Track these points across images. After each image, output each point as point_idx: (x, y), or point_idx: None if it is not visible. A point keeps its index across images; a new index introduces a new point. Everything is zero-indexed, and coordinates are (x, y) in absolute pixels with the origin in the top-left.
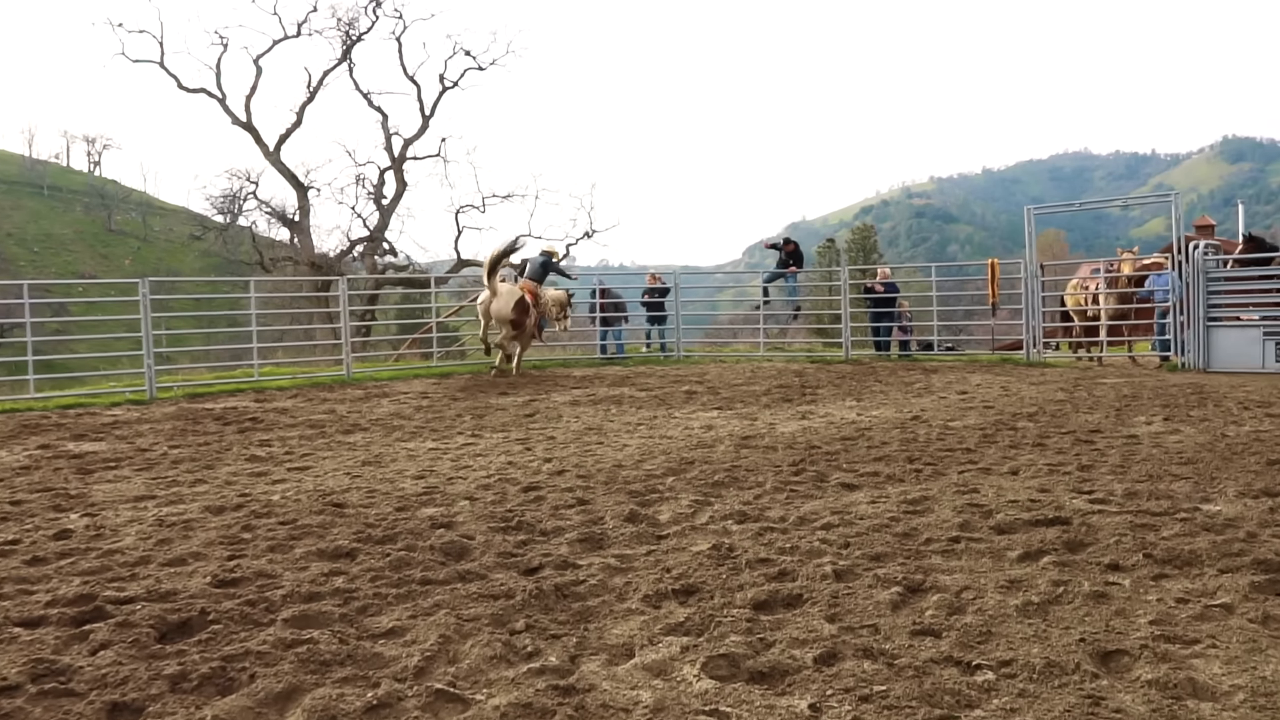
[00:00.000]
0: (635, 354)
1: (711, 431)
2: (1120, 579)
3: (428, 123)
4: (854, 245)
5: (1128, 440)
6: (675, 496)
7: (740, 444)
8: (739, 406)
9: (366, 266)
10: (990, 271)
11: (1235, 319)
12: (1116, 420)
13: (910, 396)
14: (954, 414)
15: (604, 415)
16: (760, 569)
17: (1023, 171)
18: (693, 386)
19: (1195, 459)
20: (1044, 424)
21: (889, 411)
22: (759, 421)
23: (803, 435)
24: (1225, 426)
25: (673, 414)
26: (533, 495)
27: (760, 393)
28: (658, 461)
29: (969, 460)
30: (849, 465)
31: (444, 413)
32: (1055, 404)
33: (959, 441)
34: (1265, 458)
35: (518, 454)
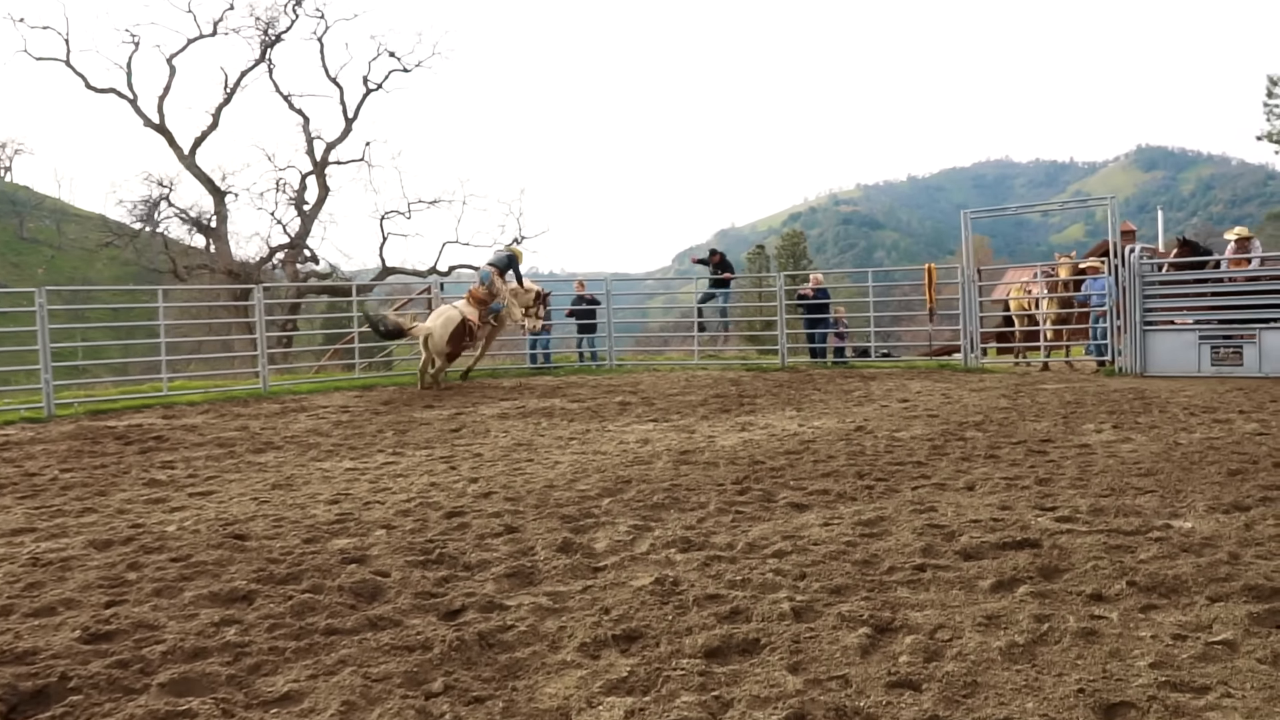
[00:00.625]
0: (566, 363)
1: (648, 446)
2: (1107, 611)
3: (351, 126)
4: (784, 252)
5: (1081, 450)
6: (612, 521)
7: (679, 460)
8: (675, 418)
9: (287, 274)
10: (927, 276)
11: (1170, 323)
12: (1065, 428)
13: (851, 405)
14: (899, 424)
15: (534, 429)
16: (710, 607)
17: (946, 179)
18: (626, 397)
19: (1154, 470)
20: (993, 434)
21: (831, 421)
22: (697, 434)
23: (744, 449)
24: (1176, 434)
25: (606, 427)
26: (456, 522)
27: (697, 403)
28: (592, 481)
29: (921, 475)
30: (796, 482)
31: (364, 428)
32: (1000, 412)
33: (908, 454)
34: (1224, 467)
35: (441, 474)
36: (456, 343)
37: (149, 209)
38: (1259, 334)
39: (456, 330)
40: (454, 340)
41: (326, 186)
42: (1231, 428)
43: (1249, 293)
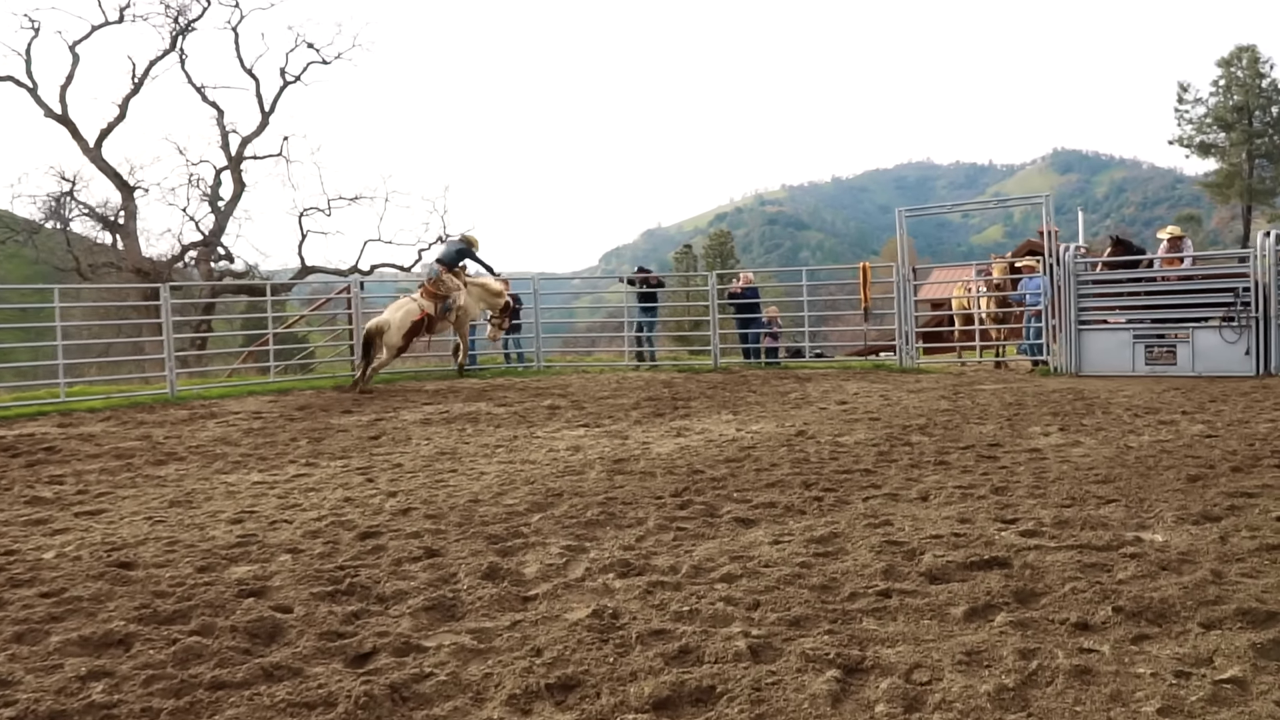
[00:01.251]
0: (492, 365)
1: (580, 454)
2: (1097, 644)
3: (268, 119)
4: (711, 252)
5: (1032, 455)
6: (543, 541)
7: (613, 469)
8: (607, 423)
9: (201, 273)
10: (862, 275)
11: (1103, 322)
12: (1012, 431)
13: (789, 408)
14: (840, 427)
15: (459, 436)
16: (655, 645)
17: (870, 180)
18: (555, 401)
19: (1111, 476)
20: (939, 438)
21: (770, 426)
22: (631, 440)
23: (682, 457)
24: (1124, 437)
25: (535, 433)
26: (371, 544)
27: (629, 406)
28: (521, 494)
29: (870, 484)
30: (740, 494)
31: (276, 436)
32: (943, 414)
33: (854, 461)
34: (1182, 473)
35: (357, 487)
36: (410, 337)
37: (55, 204)
38: (1192, 333)
39: (414, 324)
40: (409, 334)
41: (242, 182)
42: (1178, 429)
43: (1181, 292)
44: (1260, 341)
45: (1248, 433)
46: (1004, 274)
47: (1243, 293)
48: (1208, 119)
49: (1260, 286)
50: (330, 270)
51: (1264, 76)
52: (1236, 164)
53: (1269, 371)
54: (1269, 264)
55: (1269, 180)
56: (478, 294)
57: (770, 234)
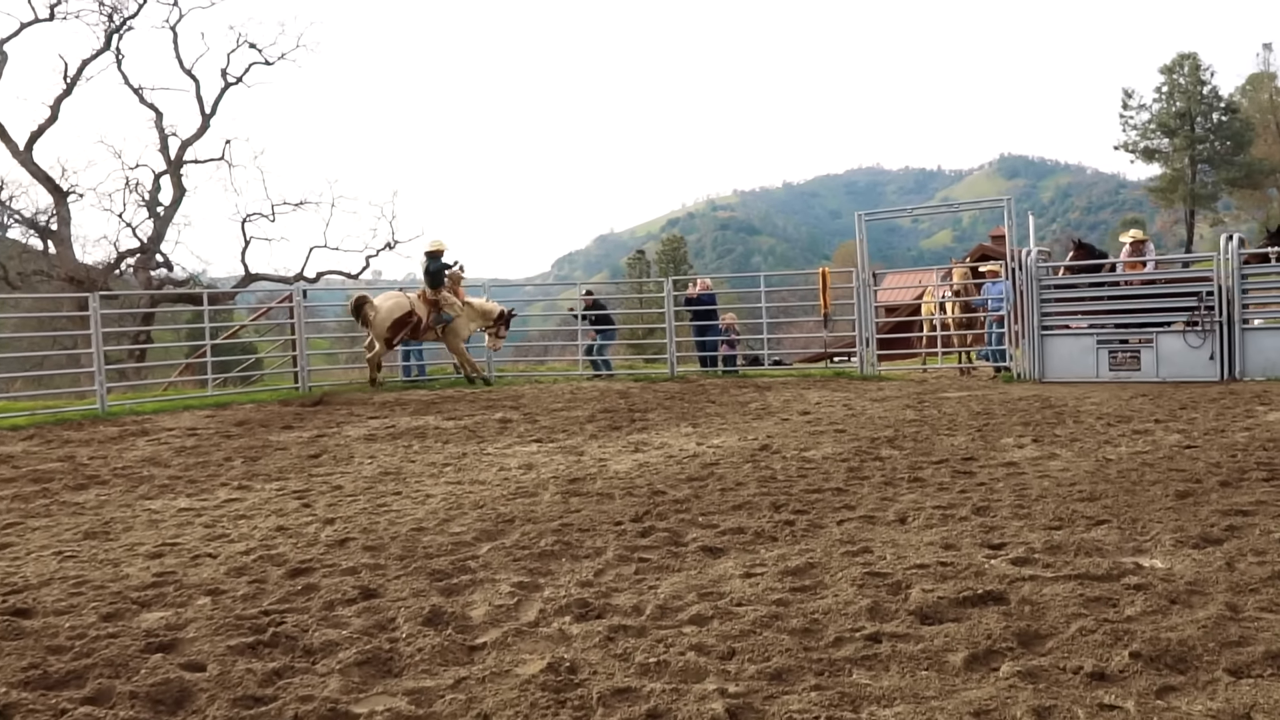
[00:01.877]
0: (442, 375)
1: (533, 473)
2: (1118, 697)
3: (208, 122)
4: (664, 257)
5: (1009, 470)
6: (492, 577)
7: (568, 490)
8: (561, 437)
9: (139, 281)
10: (821, 280)
11: (1065, 327)
12: (984, 443)
13: (750, 419)
14: (805, 440)
15: (404, 454)
16: (620, 708)
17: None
18: (507, 413)
19: (1095, 493)
20: (910, 451)
21: (732, 439)
22: (587, 457)
23: (641, 475)
24: (1100, 448)
25: (485, 450)
26: (301, 583)
27: (584, 419)
28: (469, 521)
29: (844, 505)
30: (705, 517)
31: (210, 456)
32: (910, 425)
33: (824, 479)
34: (1169, 488)
35: (292, 514)
36: (397, 330)
37: None
38: (1156, 338)
39: (401, 318)
40: (396, 327)
41: (182, 187)
42: (1155, 440)
43: (1145, 296)
44: (1224, 346)
45: (1226, 442)
46: (966, 279)
47: (1206, 296)
48: (1151, 125)
49: (1224, 290)
50: (275, 278)
51: (1205, 84)
52: (1180, 169)
53: (1234, 376)
54: (1233, 267)
55: (1211, 185)
56: (475, 316)
57: (723, 239)
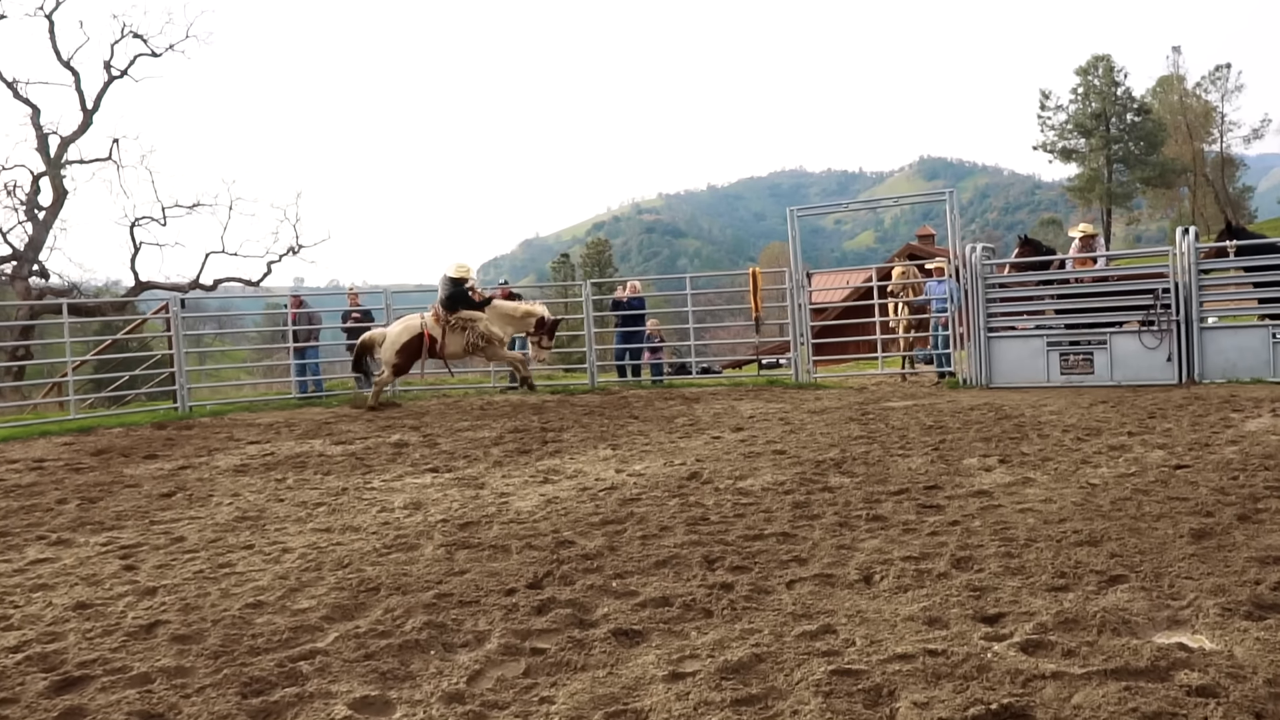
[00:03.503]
0: (341, 391)
1: (419, 515)
2: None
3: (91, 118)
4: (589, 260)
5: (982, 502)
6: (328, 690)
7: (456, 540)
8: (461, 465)
9: (17, 292)
10: (752, 281)
11: (1011, 329)
12: (945, 466)
13: (678, 438)
14: (741, 465)
15: (274, 490)
16: None
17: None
18: (405, 435)
19: (1095, 534)
20: (862, 478)
21: (657, 464)
22: (487, 491)
23: (548, 517)
24: (1079, 470)
25: (370, 483)
26: (64, 703)
27: (491, 441)
28: (322, 590)
29: (793, 556)
30: (620, 580)
31: (43, 497)
32: (857, 443)
33: (766, 518)
34: (1180, 525)
35: (107, 581)
36: (406, 355)
37: None
38: (1109, 339)
39: (410, 342)
40: (404, 352)
41: (64, 189)
42: (1137, 458)
43: (1097, 294)
44: (1182, 346)
45: (1218, 460)
46: (908, 277)
47: (1162, 294)
48: (1068, 125)
49: (1180, 287)
50: (167, 286)
51: (1119, 85)
52: (1096, 169)
53: (1192, 379)
54: (1189, 262)
55: (1126, 184)
56: (500, 319)
57: (648, 242)
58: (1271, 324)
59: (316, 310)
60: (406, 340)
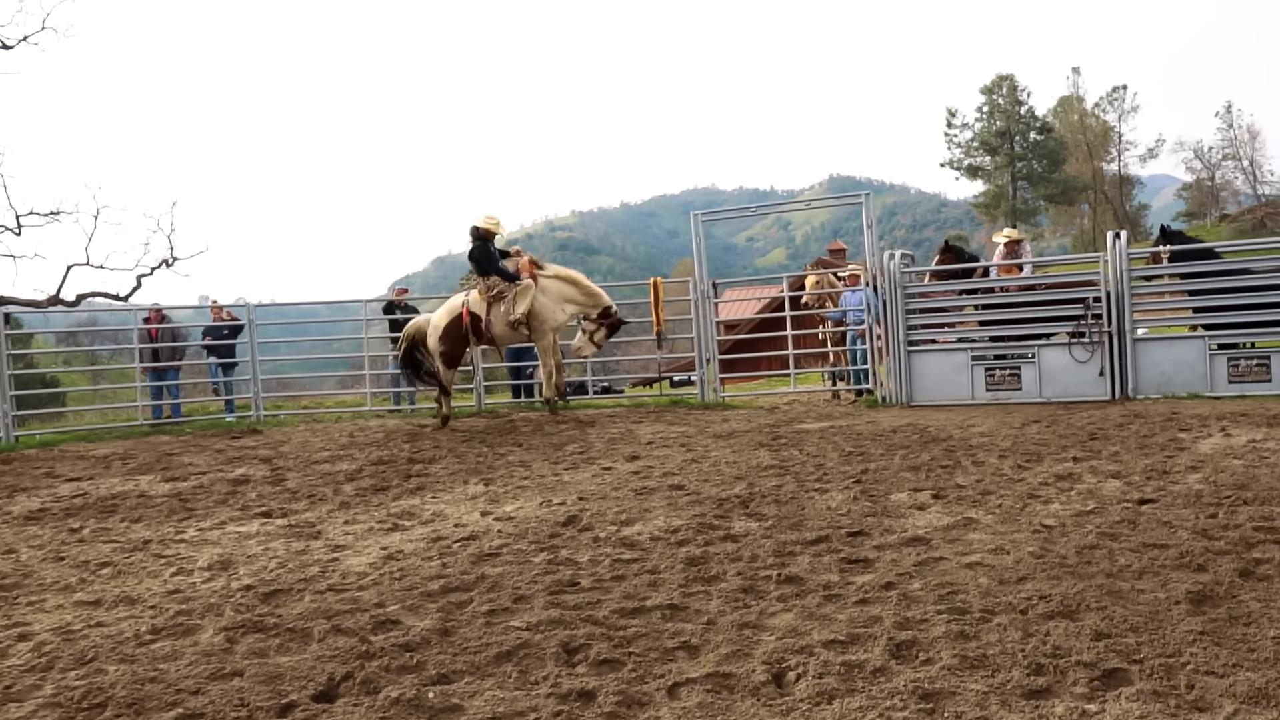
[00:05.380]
0: (202, 415)
1: (220, 579)
2: None
3: None
4: None
5: (918, 553)
6: None
7: (248, 621)
8: (302, 507)
9: None
10: (654, 293)
11: (933, 342)
12: (871, 504)
13: (563, 469)
14: (630, 505)
15: (59, 544)
16: None
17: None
18: (252, 468)
19: (1067, 601)
20: (773, 522)
21: (532, 504)
22: (319, 543)
23: (378, 581)
24: (1027, 507)
25: (183, 533)
26: None
27: (346, 476)
28: (27, 709)
29: (680, 643)
30: (442, 686)
31: None
32: (768, 474)
33: (651, 582)
34: (1169, 586)
35: None
36: (453, 341)
37: None
38: (1038, 353)
39: (452, 325)
40: (448, 338)
41: None
42: (1091, 490)
43: (1024, 304)
44: (1114, 360)
45: (1185, 492)
46: (823, 286)
47: (1093, 303)
48: (974, 143)
49: (1112, 296)
50: (22, 301)
51: (1022, 104)
52: (1001, 186)
53: (1126, 394)
54: (1122, 269)
55: (1030, 200)
56: (558, 292)
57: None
58: (1208, 335)
59: (181, 326)
60: (447, 324)
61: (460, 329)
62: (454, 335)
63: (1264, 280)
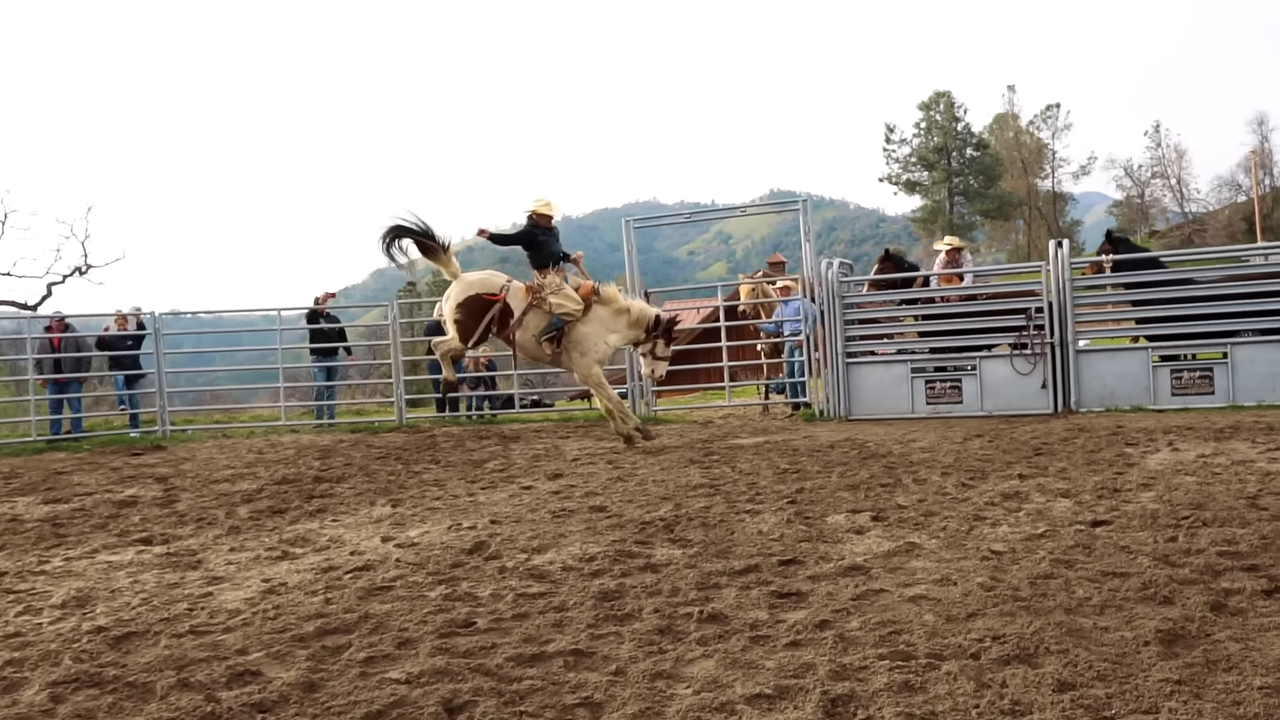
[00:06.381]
0: (105, 430)
1: (70, 620)
2: None
3: None
4: (435, 289)
5: (857, 584)
6: None
7: (84, 673)
8: (187, 533)
9: None
10: None
11: (872, 353)
12: (806, 527)
13: (479, 489)
14: (546, 529)
15: None
16: None
17: (599, 219)
18: (144, 488)
19: (1026, 644)
20: (698, 549)
21: (440, 528)
22: (197, 574)
23: (249, 621)
24: (973, 530)
25: (48, 563)
26: None
27: (245, 495)
28: None
29: (582, 699)
30: None
31: None
32: (697, 494)
33: (557, 622)
34: (1136, 623)
35: None
36: (471, 314)
37: None
38: (979, 365)
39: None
40: (469, 308)
41: None
42: (1041, 511)
43: (965, 315)
44: (1057, 372)
45: (1139, 512)
46: (758, 295)
47: (1035, 314)
48: (912, 159)
49: (1055, 307)
50: None
51: (959, 120)
52: (939, 201)
53: (1069, 408)
54: (1064, 279)
55: (966, 216)
56: (603, 320)
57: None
58: (1151, 346)
59: (86, 336)
60: (472, 295)
61: (486, 308)
62: (475, 309)
63: (1208, 291)
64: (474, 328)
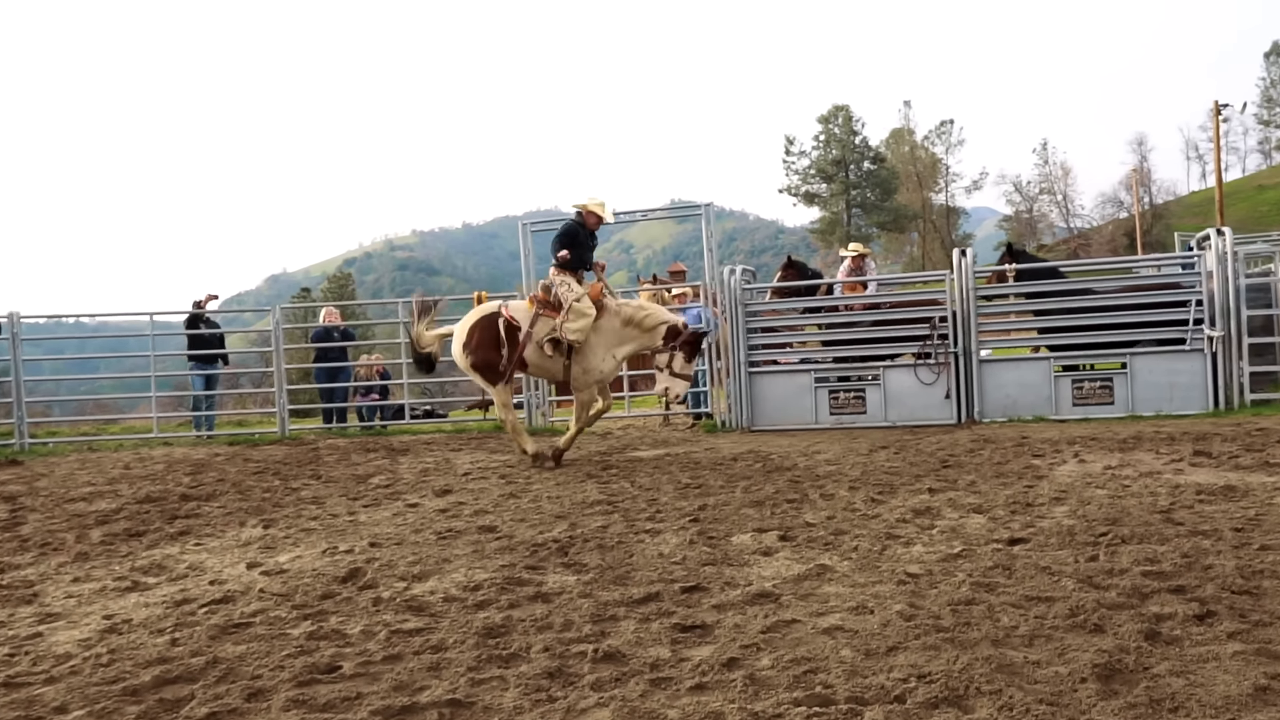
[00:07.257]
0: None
1: None
2: None
3: None
4: (330, 294)
5: (767, 614)
6: None
7: None
8: (28, 560)
9: None
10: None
11: (774, 363)
12: (709, 548)
13: (361, 507)
14: (429, 553)
15: None
16: None
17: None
18: None
19: (954, 684)
20: (594, 574)
21: (313, 552)
22: (26, 612)
23: (76, 668)
24: (884, 549)
25: None
26: None
27: (100, 517)
28: None
29: None
30: None
31: None
32: (594, 512)
33: (433, 665)
34: (1071, 658)
35: None
36: (486, 348)
37: None
38: (883, 374)
39: (480, 326)
40: (474, 340)
41: None
42: (954, 528)
43: (868, 324)
44: (960, 382)
45: (1056, 528)
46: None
47: (939, 323)
48: (811, 171)
49: (959, 316)
50: None
51: (857, 134)
52: (837, 212)
53: (972, 418)
54: (968, 288)
55: (863, 227)
56: (615, 333)
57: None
58: (1053, 356)
59: None
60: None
61: (495, 337)
62: (486, 340)
63: (1107, 301)
64: (495, 355)
